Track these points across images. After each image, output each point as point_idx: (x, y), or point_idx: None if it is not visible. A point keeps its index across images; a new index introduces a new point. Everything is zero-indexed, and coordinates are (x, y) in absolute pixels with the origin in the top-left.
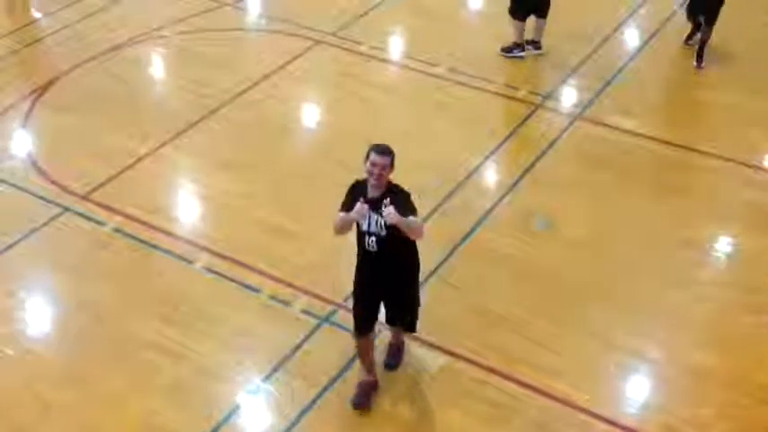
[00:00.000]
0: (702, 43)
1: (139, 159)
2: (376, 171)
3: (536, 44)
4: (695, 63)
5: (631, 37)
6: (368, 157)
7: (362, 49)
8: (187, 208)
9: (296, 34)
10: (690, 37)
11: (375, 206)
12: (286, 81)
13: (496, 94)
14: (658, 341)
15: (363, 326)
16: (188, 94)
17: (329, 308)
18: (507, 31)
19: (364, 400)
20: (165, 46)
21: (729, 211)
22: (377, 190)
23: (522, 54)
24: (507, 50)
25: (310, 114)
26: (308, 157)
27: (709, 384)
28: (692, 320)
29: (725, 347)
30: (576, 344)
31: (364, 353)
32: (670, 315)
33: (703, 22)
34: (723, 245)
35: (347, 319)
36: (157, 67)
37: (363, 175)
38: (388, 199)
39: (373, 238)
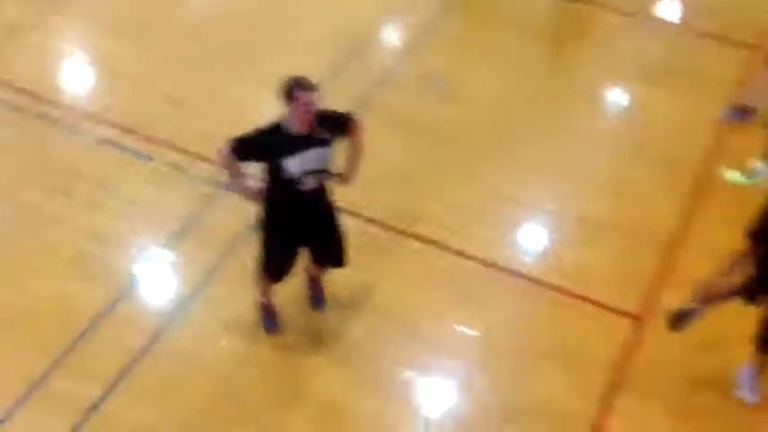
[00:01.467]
0: None
1: (22, 29)
2: (312, 111)
3: None
4: None
5: None
6: (293, 97)
7: None
8: (78, 77)
9: None
10: None
11: (308, 143)
12: None
13: None
14: (552, 193)
15: (282, 278)
16: None
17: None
18: None
19: (277, 322)
20: None
21: (623, 63)
22: (305, 124)
23: None
24: None
25: None
26: (205, 24)
27: (601, 231)
28: (587, 171)
29: (617, 197)
30: (470, 198)
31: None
32: (565, 167)
33: None
34: (616, 95)
35: None
36: None
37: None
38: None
39: (311, 177)
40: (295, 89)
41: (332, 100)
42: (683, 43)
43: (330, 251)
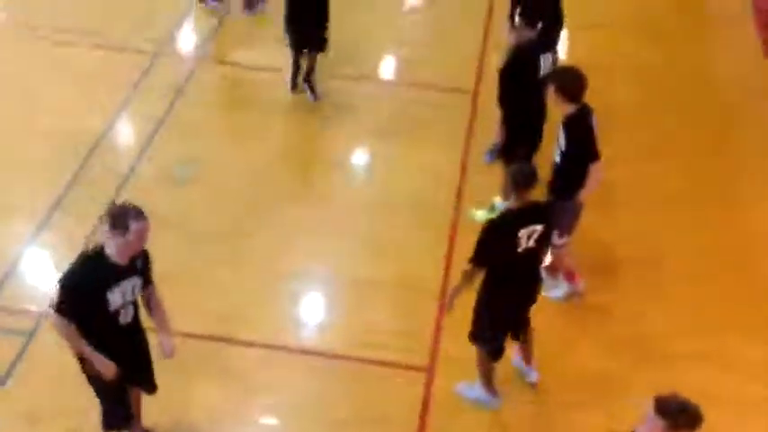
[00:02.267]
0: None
1: None
2: (144, 241)
3: None
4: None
5: None
6: (125, 226)
7: None
8: None
9: None
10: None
11: (125, 274)
12: None
13: (111, 48)
14: (322, 261)
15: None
16: None
17: None
18: None
19: None
20: None
21: (364, 126)
22: (131, 255)
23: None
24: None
25: None
26: None
27: (375, 291)
28: (353, 235)
29: (383, 255)
30: (243, 282)
31: None
32: (331, 234)
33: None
34: (363, 158)
35: None
36: None
37: None
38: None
39: (130, 308)
40: (129, 218)
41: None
42: (410, 97)
43: (149, 373)
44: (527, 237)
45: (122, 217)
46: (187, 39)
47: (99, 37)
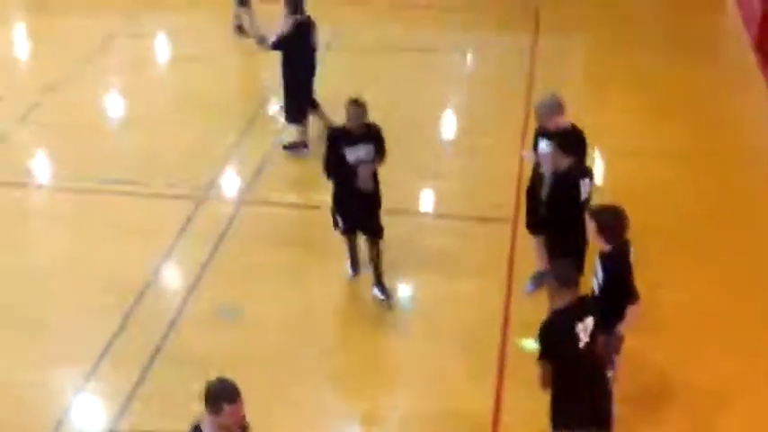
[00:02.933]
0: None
1: None
2: (238, 422)
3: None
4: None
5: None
6: (218, 409)
7: (5, 179)
8: None
9: None
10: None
11: None
12: None
13: (154, 195)
14: (371, 394)
15: None
16: None
17: None
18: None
19: None
20: None
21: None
22: None
23: (306, 151)
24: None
25: None
26: None
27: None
28: (396, 370)
29: (428, 387)
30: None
31: None
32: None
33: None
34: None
35: None
36: None
37: None
38: None
39: None
40: (222, 401)
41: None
42: (448, 227)
43: None
44: (584, 331)
45: (216, 398)
46: (230, 182)
47: (144, 186)
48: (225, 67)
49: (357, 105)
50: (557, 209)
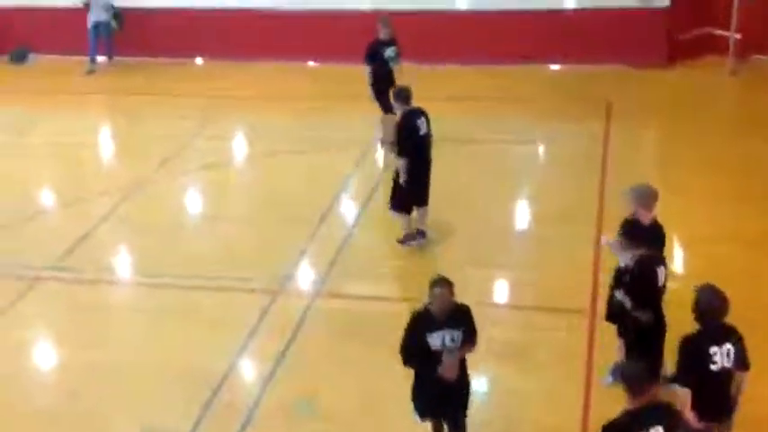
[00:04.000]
0: None
1: None
2: None
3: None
4: None
5: (347, 208)
6: None
7: (89, 276)
8: None
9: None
10: None
11: None
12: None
13: (233, 289)
14: None
15: None
16: None
17: None
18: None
19: None
20: None
21: None
22: None
23: (422, 241)
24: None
25: (46, 358)
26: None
27: None
28: None
29: None
30: None
31: None
32: None
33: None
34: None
35: None
36: None
37: None
38: None
39: None
40: None
41: None
42: (526, 321)
43: None
44: None
45: None
46: (304, 275)
47: (223, 280)
48: (297, 163)
49: (442, 286)
50: (638, 297)
